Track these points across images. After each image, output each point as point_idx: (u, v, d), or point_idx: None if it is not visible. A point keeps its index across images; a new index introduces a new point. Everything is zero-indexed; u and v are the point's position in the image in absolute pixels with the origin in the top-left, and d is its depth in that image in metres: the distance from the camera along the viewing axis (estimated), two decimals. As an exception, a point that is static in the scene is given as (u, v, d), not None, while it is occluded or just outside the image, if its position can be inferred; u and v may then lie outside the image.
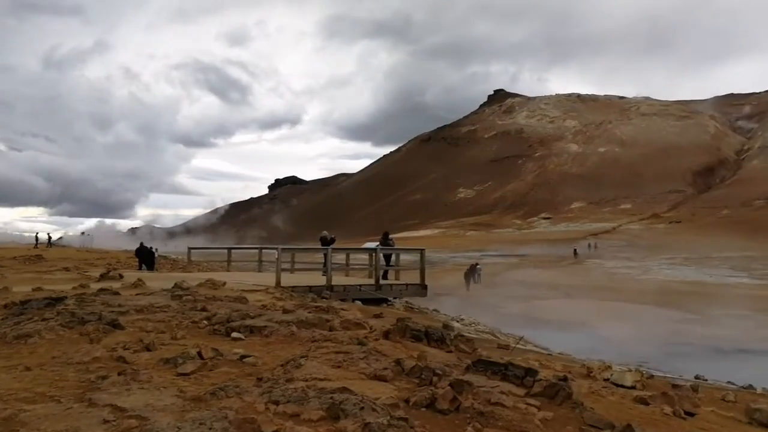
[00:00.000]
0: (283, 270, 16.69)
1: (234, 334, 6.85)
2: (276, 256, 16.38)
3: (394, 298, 17.97)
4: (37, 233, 65.46)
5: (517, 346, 12.22)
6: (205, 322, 7.48)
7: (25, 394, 4.37)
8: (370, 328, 8.02)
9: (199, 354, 5.62)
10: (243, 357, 5.69)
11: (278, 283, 15.16)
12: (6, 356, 5.97)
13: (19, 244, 63.63)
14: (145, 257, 29.09)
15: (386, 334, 7.39)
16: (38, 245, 56.31)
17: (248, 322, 7.31)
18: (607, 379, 7.60)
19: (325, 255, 17.22)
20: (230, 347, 6.23)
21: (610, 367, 8.75)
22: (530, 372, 5.21)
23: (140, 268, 27.66)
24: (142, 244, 30.51)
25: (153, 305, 8.36)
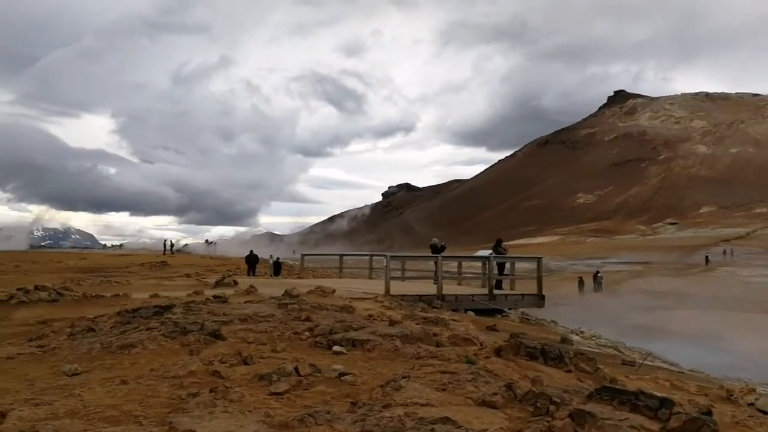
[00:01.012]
0: (393, 278, 16.35)
1: (335, 348, 6.51)
2: (385, 264, 16.06)
3: (509, 309, 17.21)
4: (165, 240, 69.04)
5: (645, 362, 11.22)
6: (307, 333, 7.20)
7: (111, 412, 4.17)
8: (481, 344, 7.45)
9: (296, 370, 5.29)
10: (342, 374, 5.31)
11: (387, 291, 14.83)
12: (108, 367, 5.91)
13: (150, 251, 67.47)
14: (253, 264, 30.46)
15: (498, 352, 6.81)
16: (167, 252, 59.32)
17: (351, 334, 6.96)
18: (752, 404, 6.66)
19: (436, 263, 16.74)
20: (330, 362, 5.89)
21: (754, 389, 7.70)
22: (665, 403, 4.48)
23: (249, 275, 29.19)
24: (251, 251, 32.08)
25: (257, 314, 8.20)
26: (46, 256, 53.20)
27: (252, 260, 31.03)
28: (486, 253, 20.51)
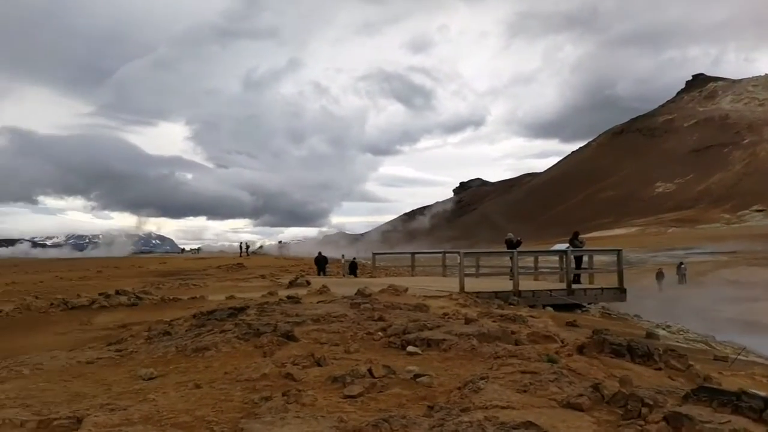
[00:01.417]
0: (468, 275, 16.02)
1: (410, 348, 6.31)
2: (458, 261, 15.76)
3: (589, 303, 16.63)
4: (240, 243, 70.38)
5: (738, 357, 10.56)
6: (380, 333, 7.03)
7: (184, 417, 4.10)
8: (562, 342, 7.11)
9: (370, 372, 5.13)
10: (417, 376, 5.10)
11: (462, 288, 14.55)
12: (183, 370, 5.90)
13: (227, 254, 69.05)
14: (322, 265, 31.26)
15: (580, 349, 6.46)
16: (243, 254, 60.56)
17: (425, 334, 6.75)
18: None
19: (512, 258, 16.32)
20: (404, 363, 5.70)
21: None
22: (772, 404, 4.08)
23: (319, 275, 29.73)
24: (320, 253, 32.30)
25: (330, 315, 8.09)
26: (128, 261, 55.14)
27: (321, 261, 31.23)
28: (563, 246, 19.93)
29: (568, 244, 19.81)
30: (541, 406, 4.27)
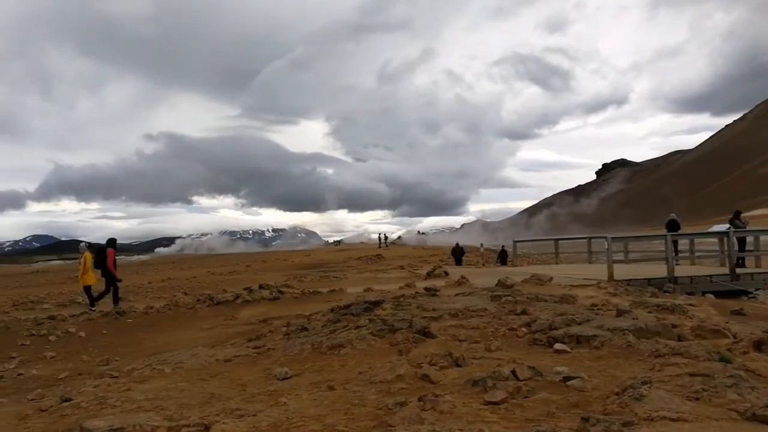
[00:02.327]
0: (616, 261, 14.92)
1: (557, 345, 5.75)
2: (606, 246, 14.75)
3: (756, 289, 15.03)
4: (379, 234, 71.15)
5: None
6: (524, 329, 6.50)
7: (314, 426, 3.84)
8: (734, 336, 6.25)
9: (514, 374, 4.66)
10: (567, 378, 4.57)
11: (611, 276, 13.61)
12: (318, 369, 5.72)
13: (367, 245, 70.23)
14: (459, 255, 30.85)
15: (758, 345, 5.62)
16: (383, 245, 61.28)
17: (574, 329, 6.14)
18: None
19: (666, 241, 15.04)
20: (552, 363, 5.17)
21: None
22: None
23: (457, 266, 29.11)
24: (457, 244, 31.84)
25: (468, 309, 7.65)
26: (274, 255, 57.41)
27: (458, 252, 30.69)
28: (722, 227, 18.24)
29: (728, 225, 18.12)
30: (720, 418, 3.61)
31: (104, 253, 14.20)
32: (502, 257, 29.24)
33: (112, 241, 15.43)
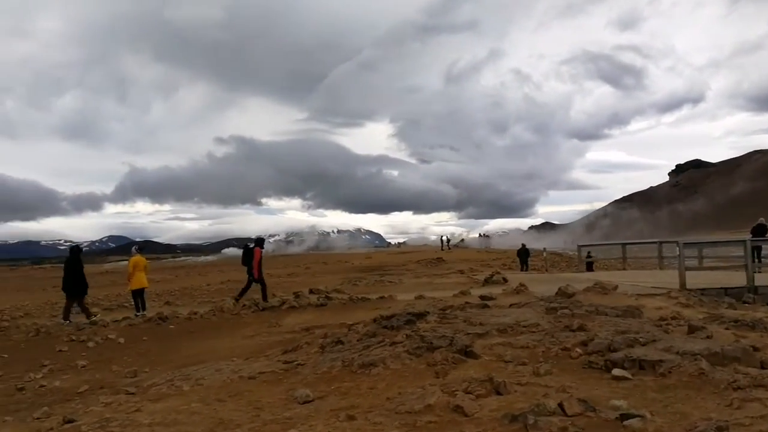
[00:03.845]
0: (689, 269, 13.75)
1: (616, 371, 4.99)
2: (677, 252, 13.65)
3: None
4: (442, 237, 69.91)
5: None
6: (578, 349, 5.75)
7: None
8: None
9: (561, 407, 3.97)
10: (624, 416, 3.84)
11: (683, 284, 12.56)
12: (344, 391, 5.17)
13: (430, 248, 69.47)
14: (525, 257, 29.92)
15: None
16: (445, 247, 60.35)
17: (637, 351, 5.36)
18: None
19: (746, 246, 13.77)
20: (608, 393, 4.45)
21: None
22: None
23: (522, 269, 28.63)
24: (523, 245, 30.81)
25: (519, 323, 6.93)
26: (336, 257, 57.37)
27: (523, 254, 29.62)
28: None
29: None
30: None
31: (252, 251, 14.59)
32: (588, 265, 27.35)
33: (260, 241, 15.94)
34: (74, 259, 13.24)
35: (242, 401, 5.16)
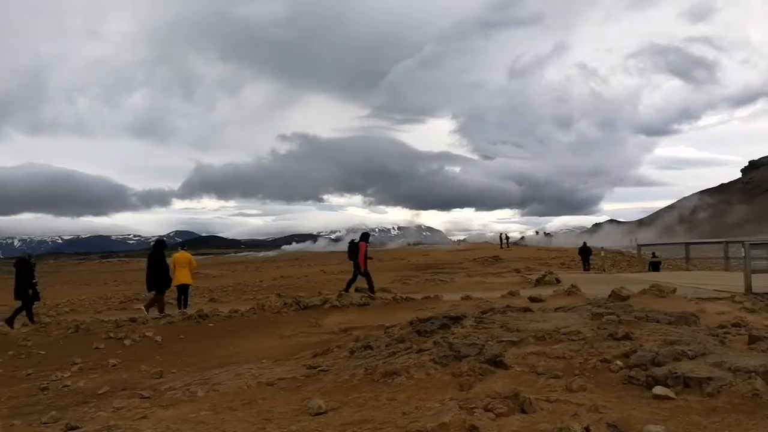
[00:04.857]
0: (756, 271, 12.83)
1: (657, 389, 4.48)
2: (743, 253, 12.78)
3: None
4: (500, 234, 68.28)
5: None
6: (619, 362, 5.23)
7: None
8: None
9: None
10: (659, 446, 3.39)
11: (748, 288, 11.76)
12: (360, 403, 4.85)
13: (489, 245, 68.47)
14: (587, 255, 29.19)
15: None
16: (504, 245, 59.28)
17: (683, 366, 4.83)
18: None
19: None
20: (646, 414, 3.99)
21: None
22: None
23: (584, 268, 27.93)
24: (585, 243, 29.94)
25: (558, 330, 6.45)
26: (393, 254, 57.14)
27: (585, 252, 28.80)
28: None
29: None
30: None
31: (357, 246, 14.78)
32: (655, 266, 26.20)
33: (365, 235, 16.08)
34: (158, 253, 13.36)
35: (253, 410, 4.90)
